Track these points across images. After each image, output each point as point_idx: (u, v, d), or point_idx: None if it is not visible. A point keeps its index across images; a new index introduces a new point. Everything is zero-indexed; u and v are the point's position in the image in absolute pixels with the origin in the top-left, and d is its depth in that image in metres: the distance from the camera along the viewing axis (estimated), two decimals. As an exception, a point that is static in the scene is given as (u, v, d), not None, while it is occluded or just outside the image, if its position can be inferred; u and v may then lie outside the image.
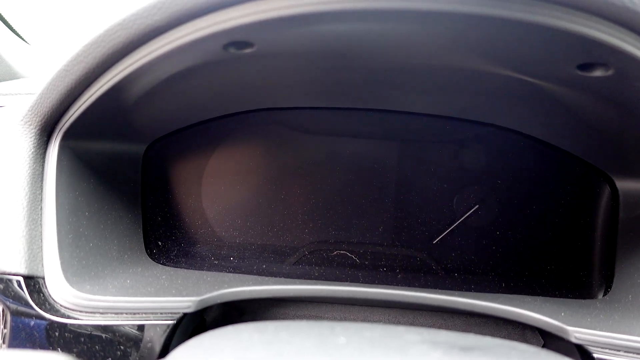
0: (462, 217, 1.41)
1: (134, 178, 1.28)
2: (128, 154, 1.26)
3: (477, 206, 1.41)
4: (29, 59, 1.74)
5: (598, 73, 0.84)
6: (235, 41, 0.82)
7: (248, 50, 0.88)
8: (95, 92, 0.91)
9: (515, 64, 0.91)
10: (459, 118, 1.41)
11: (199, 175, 1.43)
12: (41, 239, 0.95)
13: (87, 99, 0.92)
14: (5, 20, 1.75)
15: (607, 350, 0.94)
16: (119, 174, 1.21)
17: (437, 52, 0.90)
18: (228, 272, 1.24)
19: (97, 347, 0.91)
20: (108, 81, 0.88)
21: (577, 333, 0.95)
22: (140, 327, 0.94)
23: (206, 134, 1.43)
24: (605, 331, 0.95)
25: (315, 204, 1.44)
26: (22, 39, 1.80)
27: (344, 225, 1.44)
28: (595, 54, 0.78)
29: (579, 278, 1.34)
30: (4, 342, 0.92)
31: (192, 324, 1.06)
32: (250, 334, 0.72)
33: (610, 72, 0.82)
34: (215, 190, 1.44)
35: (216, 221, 1.43)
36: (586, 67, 0.84)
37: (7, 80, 1.60)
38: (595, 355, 0.93)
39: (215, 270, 1.24)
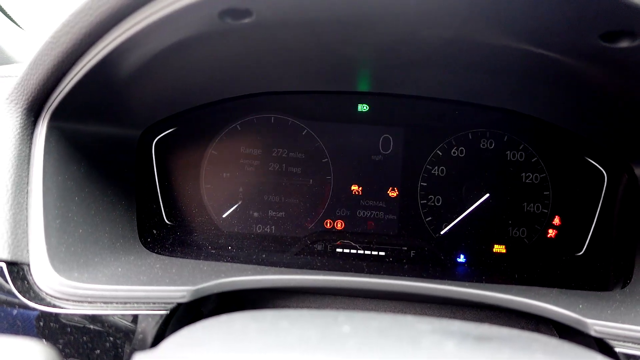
0: (472, 206, 1.35)
1: (128, 163, 1.23)
2: (122, 138, 1.20)
3: (487, 195, 1.35)
4: (23, 44, 1.69)
5: (624, 44, 0.78)
6: (233, 8, 0.76)
7: (246, 21, 0.82)
8: (84, 67, 0.85)
9: (533, 35, 0.84)
10: (468, 102, 1.35)
11: (197, 161, 1.38)
12: (27, 224, 0.89)
13: (76, 74, 0.86)
14: (0, 5, 1.70)
15: (630, 344, 0.88)
16: (113, 159, 1.16)
17: (452, 23, 0.84)
18: (226, 261, 1.19)
19: (84, 338, 0.85)
20: (97, 53, 0.82)
21: (597, 326, 0.89)
22: (132, 318, 0.88)
23: (205, 119, 1.38)
24: (627, 324, 0.89)
25: (318, 192, 1.38)
26: (17, 24, 1.75)
27: (348, 214, 1.38)
28: (622, 20, 0.72)
29: (596, 269, 1.28)
30: (-16, 333, 0.87)
31: (187, 316, 1.01)
32: (246, 323, 0.66)
33: (637, 42, 0.76)
34: (215, 177, 1.38)
35: (214, 209, 1.38)
36: (611, 37, 0.77)
37: (1, 65, 1.54)
38: (617, 350, 0.87)
39: (212, 260, 1.18)
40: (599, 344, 0.91)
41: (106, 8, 0.76)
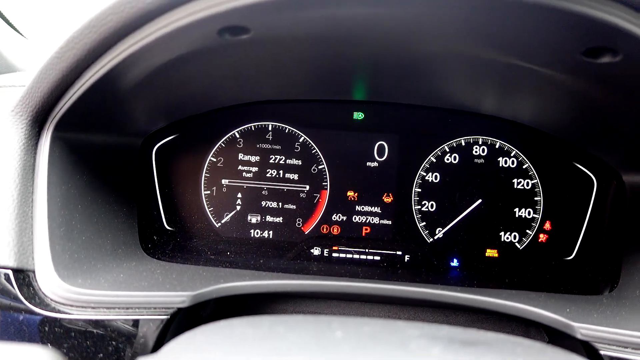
0: (465, 211, 1.38)
1: (129, 171, 1.26)
2: (123, 147, 1.23)
3: (480, 200, 1.38)
4: (26, 52, 1.72)
5: (606, 59, 0.81)
6: (231, 26, 0.79)
7: (244, 37, 0.85)
8: (88, 80, 0.88)
9: (518, 50, 0.88)
10: (461, 110, 1.38)
11: (197, 168, 1.41)
12: (32, 232, 0.92)
13: (80, 88, 0.90)
14: (3, 14, 1.73)
15: (614, 347, 0.91)
16: (114, 167, 1.19)
17: (441, 38, 0.87)
18: (224, 267, 1.22)
19: (88, 342, 0.88)
20: (101, 68, 0.86)
21: (583, 329, 0.92)
22: (133, 322, 0.91)
23: (204, 128, 1.41)
24: (612, 327, 0.92)
25: (314, 198, 1.41)
26: (20, 32, 1.77)
27: (344, 219, 1.41)
28: (602, 38, 0.75)
29: (584, 274, 1.31)
30: (-8, 337, 0.90)
31: (187, 321, 1.04)
32: (244, 329, 0.69)
33: (618, 58, 0.79)
34: (213, 183, 1.41)
35: (214, 215, 1.41)
36: (593, 53, 0.81)
37: (4, 73, 1.57)
38: (602, 352, 0.90)
39: (211, 265, 1.21)
40: (585, 347, 0.94)
41: (110, 26, 0.79)
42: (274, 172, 1.41)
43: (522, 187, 1.38)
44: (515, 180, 1.38)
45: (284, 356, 0.60)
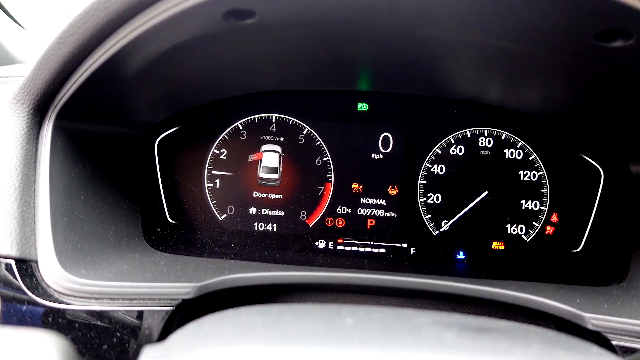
0: (471, 203, 1.37)
1: (132, 162, 1.24)
2: (126, 138, 1.22)
3: (486, 192, 1.37)
4: (25, 44, 1.71)
5: (618, 43, 0.80)
6: (237, 9, 0.78)
7: (249, 21, 0.84)
8: (90, 67, 0.87)
9: (529, 36, 0.86)
10: (467, 101, 1.37)
11: (200, 160, 1.39)
12: (34, 222, 0.91)
13: (82, 75, 0.88)
14: (2, 5, 1.71)
15: (626, 337, 0.90)
16: (117, 158, 1.17)
17: (449, 25, 0.86)
18: (229, 259, 1.20)
19: (92, 333, 0.87)
20: (103, 54, 0.84)
21: (594, 320, 0.91)
22: (138, 314, 0.90)
23: (208, 119, 1.39)
24: (623, 318, 0.91)
25: (319, 191, 1.40)
26: (19, 24, 1.76)
27: (349, 212, 1.40)
28: (616, 20, 0.73)
29: (593, 265, 1.30)
30: (-6, 328, 0.88)
31: (191, 313, 1.02)
32: (252, 317, 0.68)
33: (631, 42, 0.78)
34: (217, 176, 1.40)
35: (217, 208, 1.39)
36: (605, 36, 0.79)
37: (4, 65, 1.56)
38: (614, 343, 0.89)
39: (215, 257, 1.20)
40: (596, 338, 0.93)
41: (113, 9, 0.77)
42: (277, 164, 1.40)
43: (529, 179, 1.37)
44: (521, 172, 1.37)
45: (294, 343, 0.58)
